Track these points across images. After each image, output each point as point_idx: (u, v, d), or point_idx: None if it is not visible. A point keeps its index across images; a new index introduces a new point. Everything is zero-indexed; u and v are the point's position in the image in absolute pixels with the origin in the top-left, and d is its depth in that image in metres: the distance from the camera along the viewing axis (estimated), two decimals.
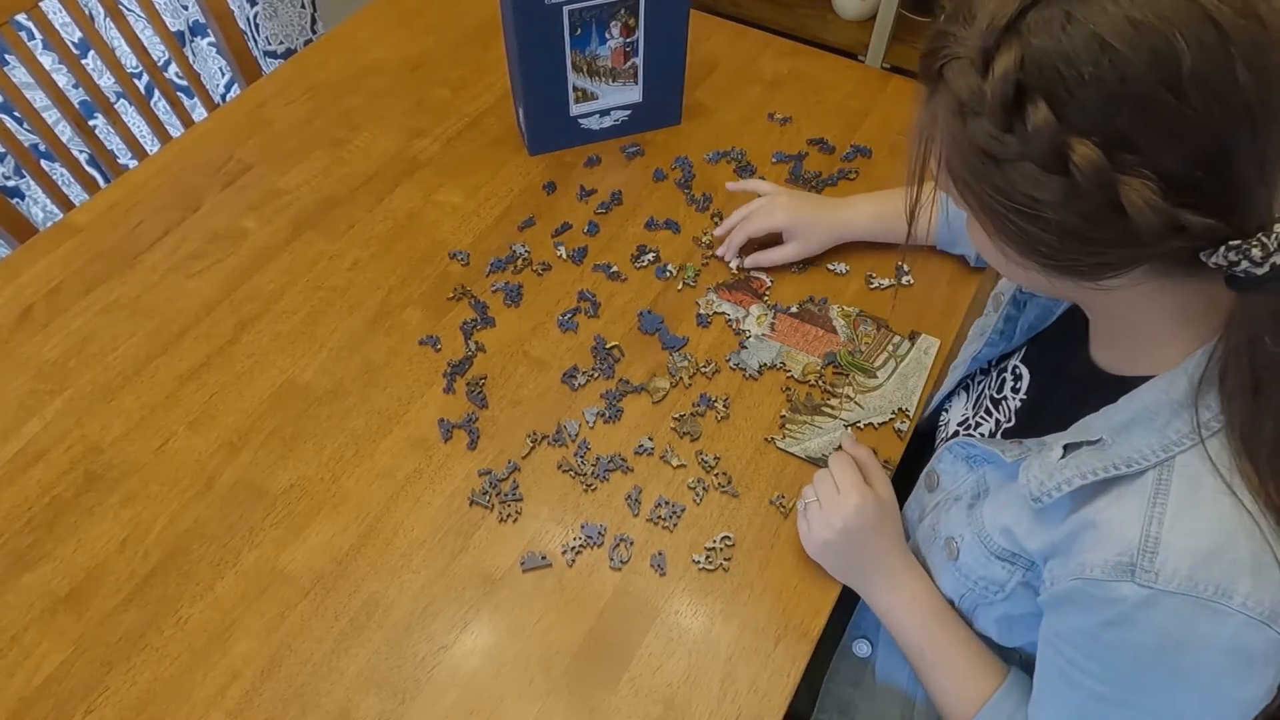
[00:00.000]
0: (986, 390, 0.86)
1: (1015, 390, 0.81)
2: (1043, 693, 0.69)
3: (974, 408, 0.87)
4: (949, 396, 0.94)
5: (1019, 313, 0.84)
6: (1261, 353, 0.55)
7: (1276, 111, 0.50)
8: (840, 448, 0.87)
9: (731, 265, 1.07)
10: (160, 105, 1.87)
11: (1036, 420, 0.77)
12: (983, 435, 0.82)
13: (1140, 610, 0.57)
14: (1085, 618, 0.62)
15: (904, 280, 1.06)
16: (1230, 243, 0.51)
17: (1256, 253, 0.51)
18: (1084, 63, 0.49)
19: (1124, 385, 0.64)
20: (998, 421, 0.82)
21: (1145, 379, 0.63)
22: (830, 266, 1.08)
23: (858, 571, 0.81)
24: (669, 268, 1.08)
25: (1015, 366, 0.83)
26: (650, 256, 1.09)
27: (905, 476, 0.90)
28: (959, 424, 0.88)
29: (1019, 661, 0.79)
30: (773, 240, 1.06)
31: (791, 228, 1.04)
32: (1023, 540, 0.69)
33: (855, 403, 0.95)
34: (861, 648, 0.90)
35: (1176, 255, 0.53)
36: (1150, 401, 0.61)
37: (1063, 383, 0.76)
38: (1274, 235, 0.50)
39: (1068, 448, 0.64)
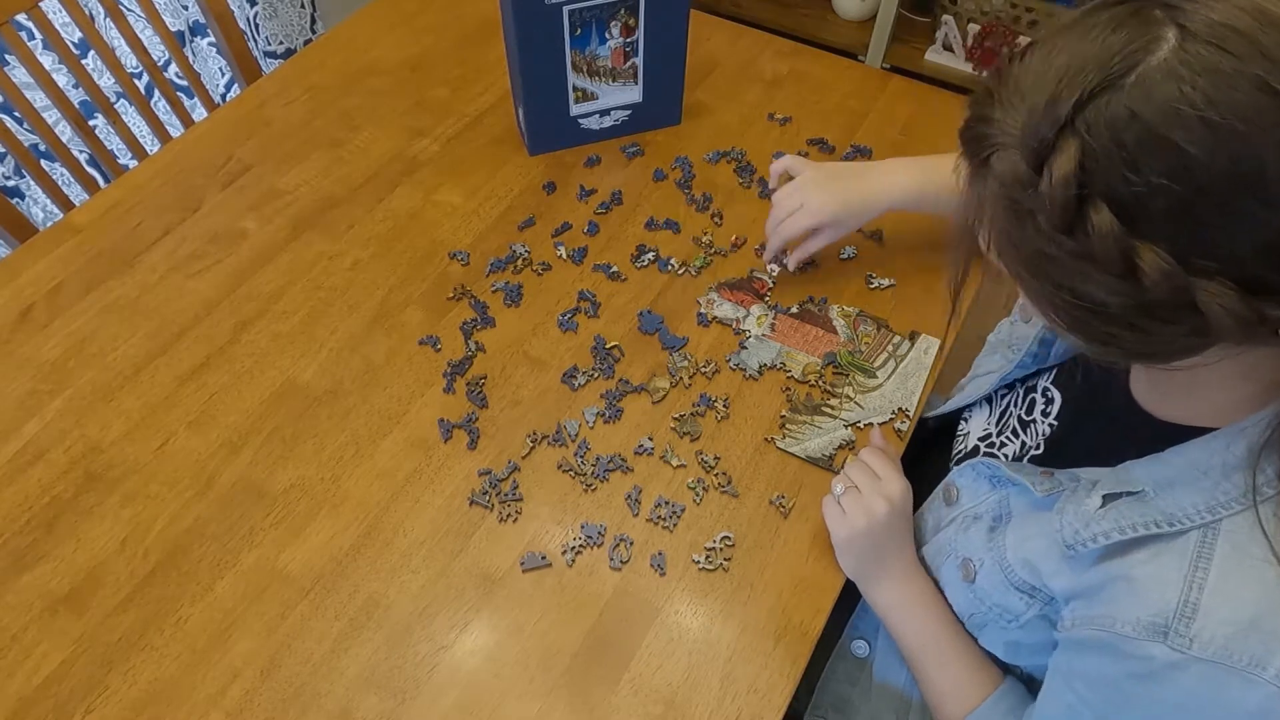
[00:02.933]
0: (1013, 409, 0.84)
1: (1045, 414, 0.79)
2: (1044, 716, 0.68)
3: (998, 424, 0.84)
4: (969, 406, 0.91)
5: (1054, 336, 0.81)
6: None
7: None
8: (854, 440, 0.86)
9: (789, 268, 1.04)
10: (160, 105, 1.87)
11: (1068, 451, 0.75)
12: (1007, 456, 0.80)
13: (1169, 671, 0.56)
14: (1109, 666, 0.60)
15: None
16: None
17: None
18: (1151, 166, 0.46)
19: (1167, 430, 0.62)
20: (1024, 444, 0.79)
21: (1191, 429, 0.61)
22: (831, 282, 1.08)
23: (874, 563, 0.81)
24: (671, 261, 1.08)
25: (1046, 389, 0.80)
26: (650, 256, 1.09)
27: (907, 475, 0.89)
28: (980, 438, 0.85)
29: (1021, 678, 0.79)
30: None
31: (822, 224, 0.98)
32: (1047, 578, 0.67)
33: (855, 403, 0.95)
34: (860, 648, 0.90)
35: (1253, 333, 0.50)
36: (1202, 459, 0.58)
37: (1099, 416, 0.73)
38: None
39: (1107, 498, 0.62)
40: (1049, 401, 0.79)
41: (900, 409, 0.94)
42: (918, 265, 1.08)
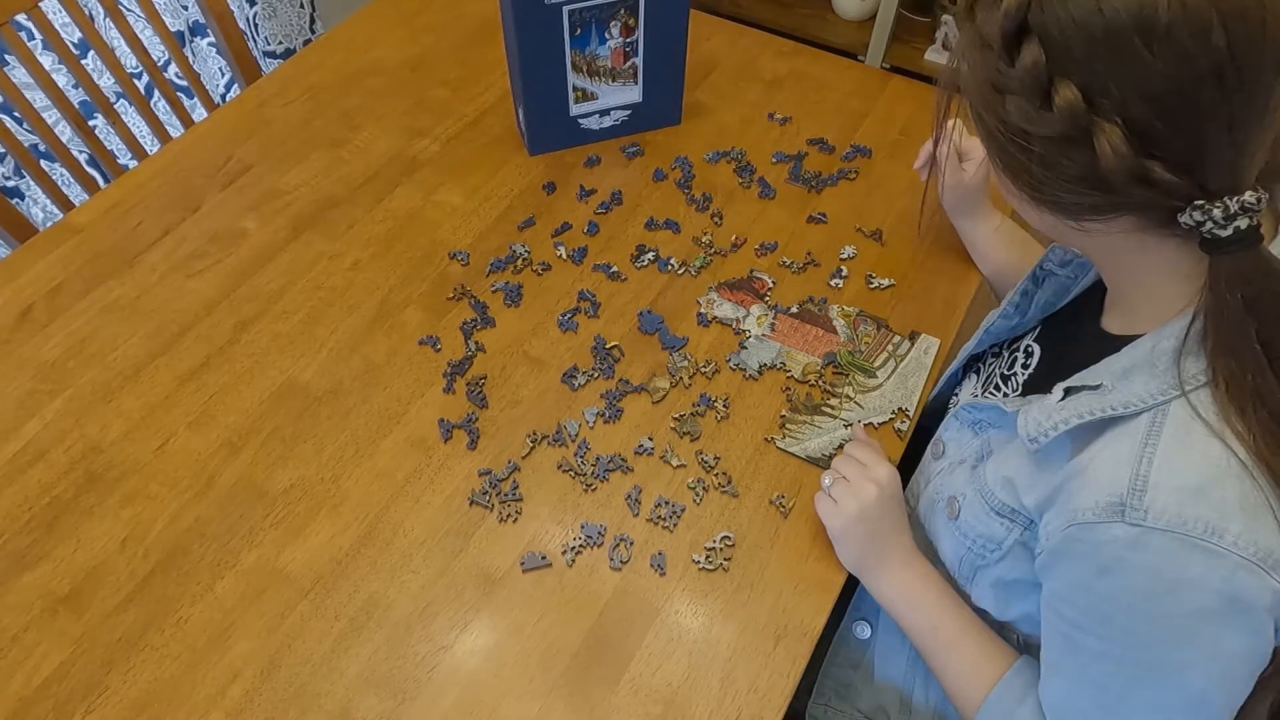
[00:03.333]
0: (998, 368, 0.87)
1: (1025, 367, 0.82)
2: (1049, 666, 0.69)
3: (983, 386, 0.88)
4: (960, 381, 0.95)
5: (1036, 288, 0.85)
6: (1233, 312, 0.57)
7: (1250, 81, 0.52)
8: (851, 439, 0.88)
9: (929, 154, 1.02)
10: (160, 105, 1.87)
11: (1041, 386, 0.77)
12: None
13: (1130, 551, 0.57)
14: (1079, 568, 0.62)
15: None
16: (1196, 203, 0.54)
17: (1218, 214, 0.54)
18: (1076, 6, 0.53)
19: (1127, 341, 0.66)
20: (1005, 396, 0.82)
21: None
22: (831, 283, 1.08)
23: (873, 551, 0.81)
24: (671, 261, 1.08)
25: (1028, 345, 0.84)
26: (650, 256, 1.09)
27: (908, 475, 0.90)
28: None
29: (1019, 643, 0.79)
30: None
31: (980, 159, 1.00)
32: (1022, 494, 0.69)
33: (855, 403, 0.95)
34: (862, 630, 0.91)
35: (1154, 211, 0.57)
36: (1149, 349, 0.62)
37: (1072, 350, 0.77)
38: (1237, 200, 0.53)
39: (1068, 390, 0.66)
40: (1029, 355, 0.83)
41: (900, 409, 0.94)
42: (918, 265, 1.08)
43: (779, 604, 0.81)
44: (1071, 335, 0.80)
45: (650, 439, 0.92)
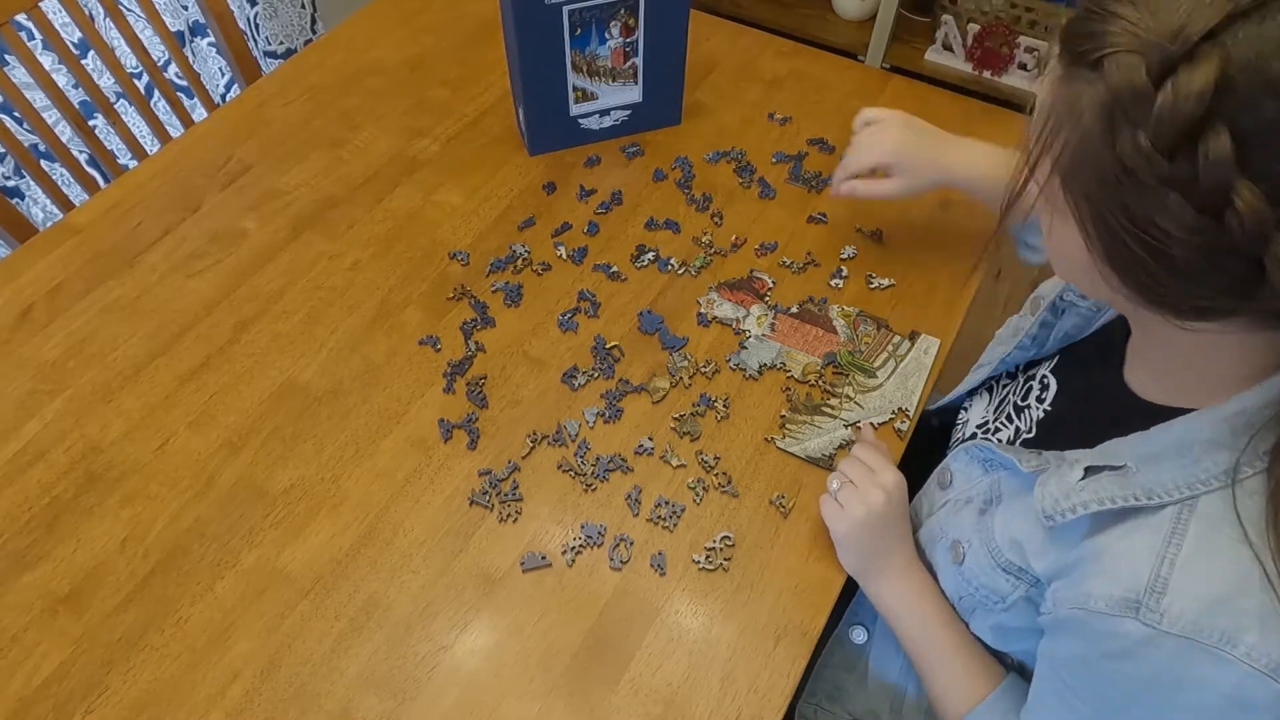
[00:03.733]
0: (1011, 396, 0.85)
1: (1040, 400, 0.80)
2: (1038, 700, 0.69)
3: (995, 412, 0.86)
4: (970, 396, 0.93)
5: (1056, 320, 0.82)
6: None
7: None
8: (857, 439, 0.87)
9: (838, 191, 0.99)
10: (160, 105, 1.87)
11: (1057, 433, 0.75)
12: (1001, 441, 0.81)
13: (1139, 647, 0.56)
14: (1083, 646, 0.60)
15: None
16: None
17: None
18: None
19: (1156, 414, 0.62)
20: (1018, 430, 0.80)
21: (1180, 410, 0.61)
22: (831, 283, 1.08)
23: (875, 558, 0.81)
24: (671, 261, 1.08)
25: (1044, 376, 0.81)
26: (650, 256, 1.09)
27: (910, 474, 0.90)
28: (978, 425, 0.87)
29: (1013, 665, 0.79)
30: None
31: (894, 163, 0.95)
32: (1031, 558, 0.68)
33: (855, 403, 0.95)
34: (858, 635, 0.90)
35: (1274, 312, 0.50)
36: (1184, 436, 0.58)
37: (1091, 400, 0.74)
38: None
39: (1089, 470, 0.62)
40: (1045, 388, 0.80)
41: (900, 409, 0.94)
42: (918, 265, 1.08)
43: (779, 604, 0.81)
44: (1091, 379, 0.75)
45: (650, 439, 0.92)
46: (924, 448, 0.94)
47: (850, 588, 0.84)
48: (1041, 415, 0.78)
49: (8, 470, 0.89)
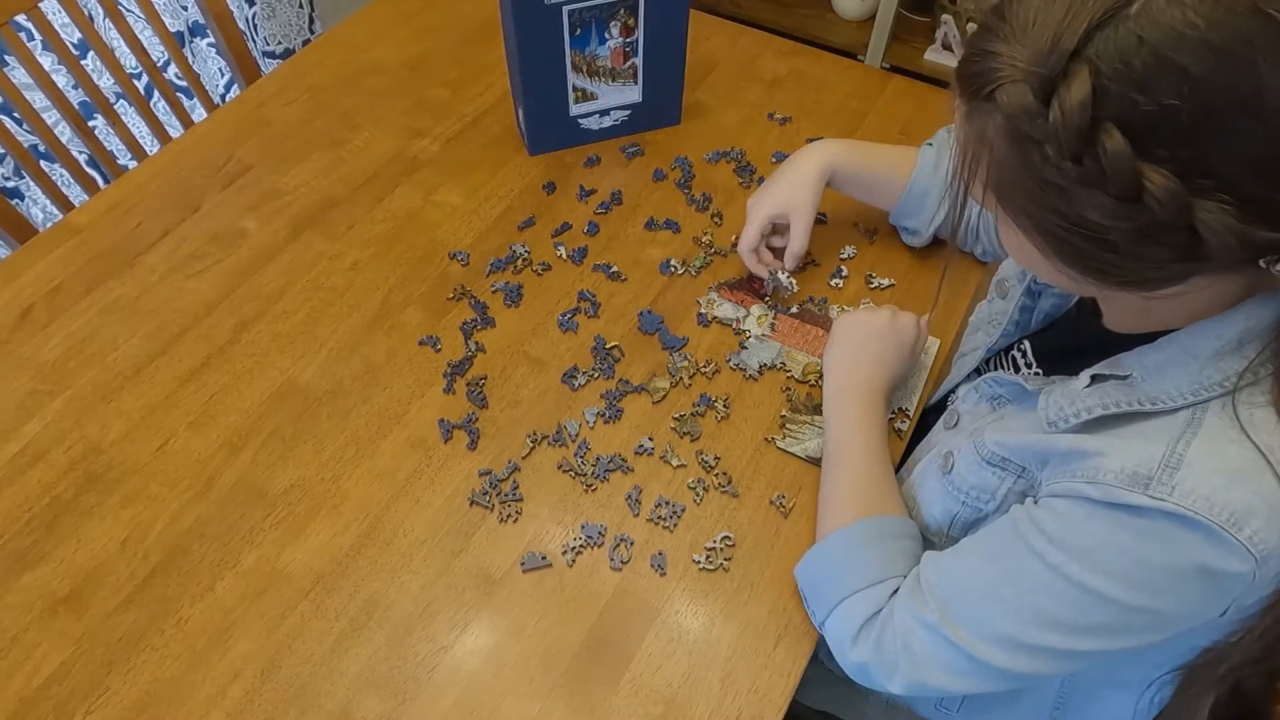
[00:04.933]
0: (1000, 371, 0.86)
1: (1028, 365, 0.82)
2: (968, 543, 0.70)
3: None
4: (956, 389, 0.92)
5: (1034, 303, 0.84)
6: None
7: None
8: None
9: (789, 267, 1.02)
10: (160, 106, 1.87)
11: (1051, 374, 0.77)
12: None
13: (1139, 518, 0.57)
14: (1074, 508, 0.61)
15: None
16: None
17: None
18: (1160, 89, 0.48)
19: (1142, 339, 0.64)
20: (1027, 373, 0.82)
21: (1163, 333, 0.63)
22: (831, 283, 1.08)
23: (850, 366, 0.86)
24: (672, 261, 1.08)
25: (1021, 344, 0.84)
26: (650, 256, 1.09)
27: (906, 465, 0.90)
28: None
29: None
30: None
31: (764, 217, 0.99)
32: (1018, 445, 0.69)
33: None
34: None
35: (1235, 264, 0.53)
36: (1190, 345, 0.60)
37: (1079, 350, 0.75)
38: None
39: (1095, 377, 0.64)
40: (1024, 354, 0.82)
41: (900, 409, 0.94)
42: (918, 265, 1.08)
43: (779, 604, 0.81)
44: (1074, 334, 0.78)
45: (650, 439, 0.92)
46: (919, 440, 0.94)
47: None
48: (1033, 376, 0.80)
49: (8, 470, 0.89)
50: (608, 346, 1.00)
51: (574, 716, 0.75)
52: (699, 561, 0.84)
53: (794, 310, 1.03)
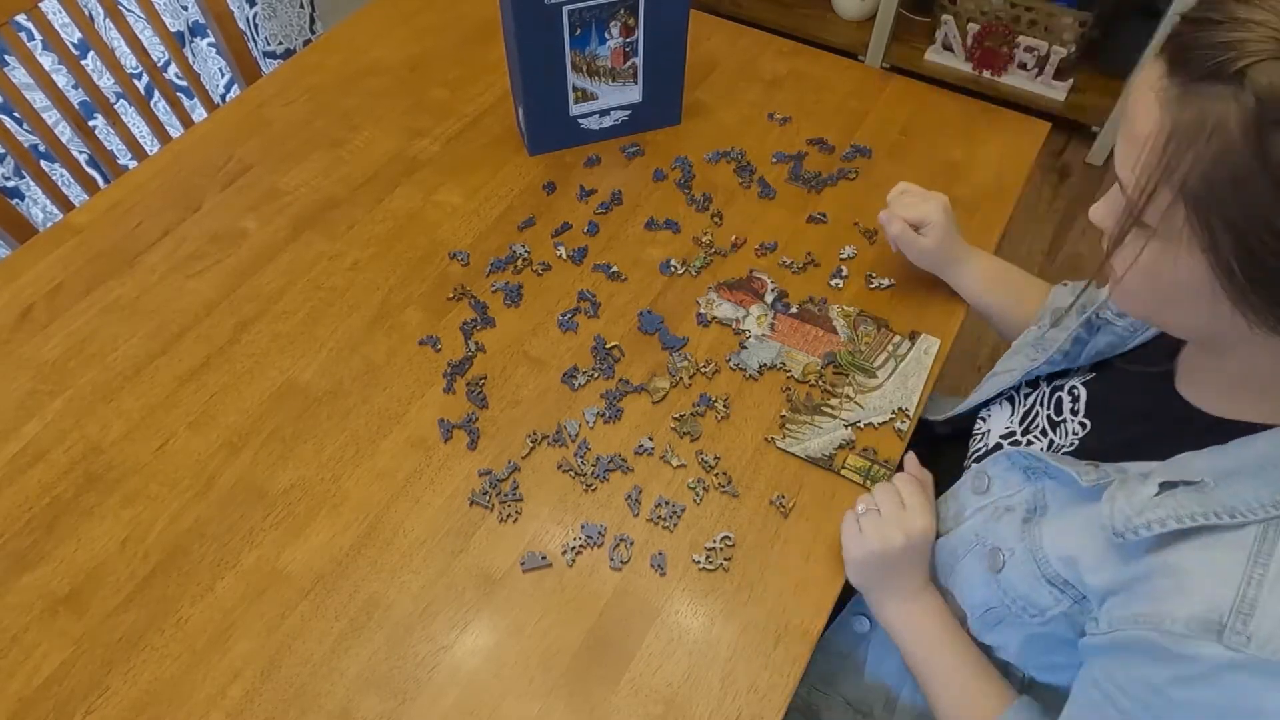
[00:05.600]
0: (1040, 408, 0.81)
1: (1075, 413, 0.77)
2: None
3: (1022, 423, 0.82)
4: (988, 405, 0.90)
5: (1090, 337, 0.79)
6: None
7: None
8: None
9: (891, 229, 1.00)
10: (160, 106, 1.87)
11: (1105, 446, 0.72)
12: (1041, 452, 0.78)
13: (1222, 673, 0.53)
14: (1151, 669, 0.56)
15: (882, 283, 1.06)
16: None
17: None
18: None
19: (1221, 427, 0.60)
20: (1053, 443, 0.77)
21: (1251, 425, 0.59)
22: (831, 283, 1.08)
23: (881, 583, 0.79)
24: (672, 261, 1.08)
25: (1073, 387, 0.79)
26: (650, 256, 1.09)
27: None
28: (1002, 435, 0.84)
29: (1024, 683, 0.77)
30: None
31: (932, 224, 0.97)
32: (1085, 574, 0.64)
33: (855, 403, 0.95)
34: (860, 624, 0.90)
35: None
36: (1269, 452, 0.56)
37: (1144, 413, 0.71)
38: None
39: (1164, 485, 0.58)
40: (1075, 399, 0.77)
41: (900, 409, 0.94)
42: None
43: (779, 604, 0.81)
44: (1142, 394, 0.72)
45: (650, 439, 0.92)
46: (930, 452, 0.92)
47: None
48: (1080, 430, 0.75)
49: (8, 470, 0.89)
50: (608, 346, 1.00)
51: (574, 716, 0.75)
52: (699, 561, 0.84)
53: (794, 310, 1.03)
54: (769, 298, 1.04)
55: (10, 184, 1.77)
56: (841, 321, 1.02)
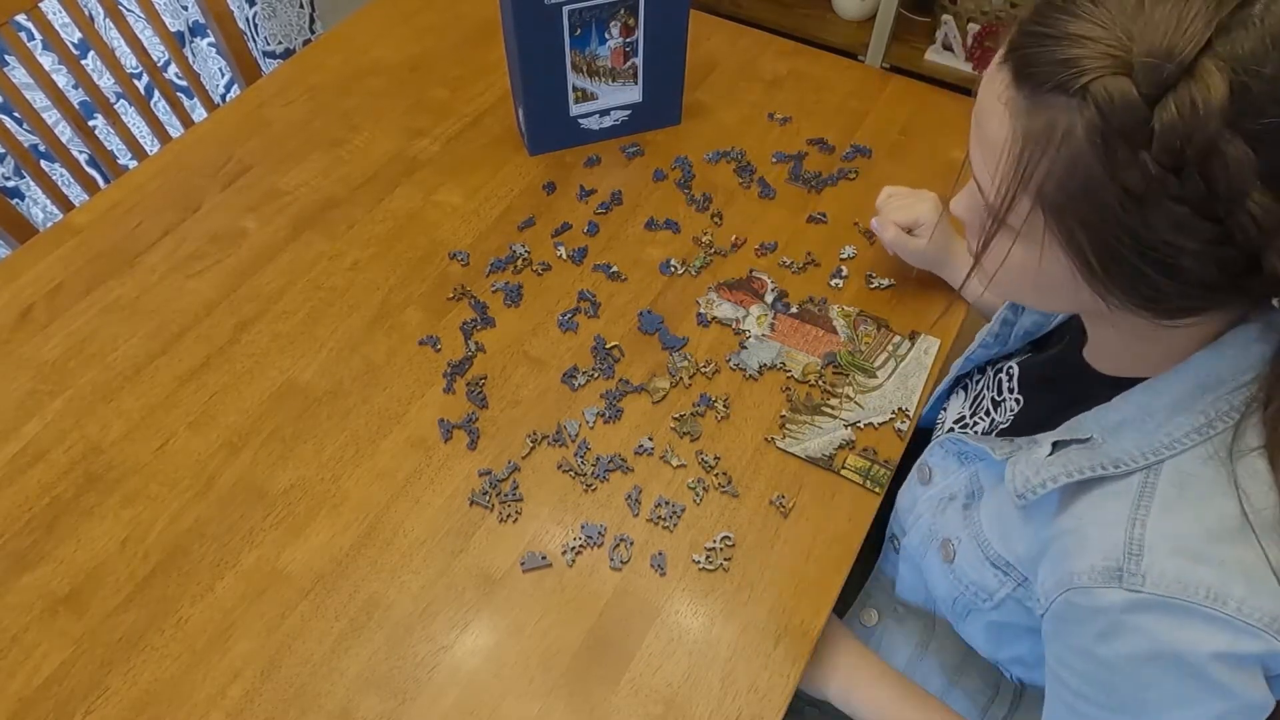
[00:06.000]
0: (985, 390, 0.86)
1: (1010, 390, 0.81)
2: None
3: (971, 407, 0.86)
4: (948, 395, 0.93)
5: (1015, 318, 0.83)
6: None
7: None
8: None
9: (885, 234, 1.00)
10: (160, 106, 1.87)
11: (1029, 418, 0.76)
12: (977, 434, 0.82)
13: (1128, 615, 0.55)
14: (1078, 633, 0.60)
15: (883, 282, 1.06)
16: None
17: None
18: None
19: (1118, 385, 0.63)
20: (993, 421, 0.81)
21: (1140, 380, 0.62)
22: (831, 283, 1.08)
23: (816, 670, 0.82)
24: (672, 261, 1.08)
25: (1009, 366, 0.83)
26: (650, 256, 1.09)
27: (905, 472, 0.90)
28: (954, 421, 0.87)
29: (1013, 681, 0.79)
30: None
31: (926, 224, 0.97)
32: (1014, 545, 0.68)
33: (855, 403, 0.95)
34: (869, 617, 0.90)
35: (1250, 301, 0.51)
36: (1145, 403, 0.60)
37: (1054, 381, 0.76)
38: None
39: (1056, 445, 0.63)
40: (1011, 378, 0.81)
41: (900, 409, 0.94)
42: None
43: (779, 604, 0.81)
44: (1053, 363, 0.77)
45: (650, 439, 0.92)
46: (911, 453, 0.93)
47: (857, 580, 0.84)
48: (1014, 405, 0.79)
49: (8, 470, 0.89)
50: (608, 346, 1.00)
51: (574, 716, 0.75)
52: (699, 561, 0.84)
53: (794, 310, 1.03)
54: (769, 298, 1.04)
55: (10, 184, 1.77)
56: (841, 321, 1.02)
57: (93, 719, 0.75)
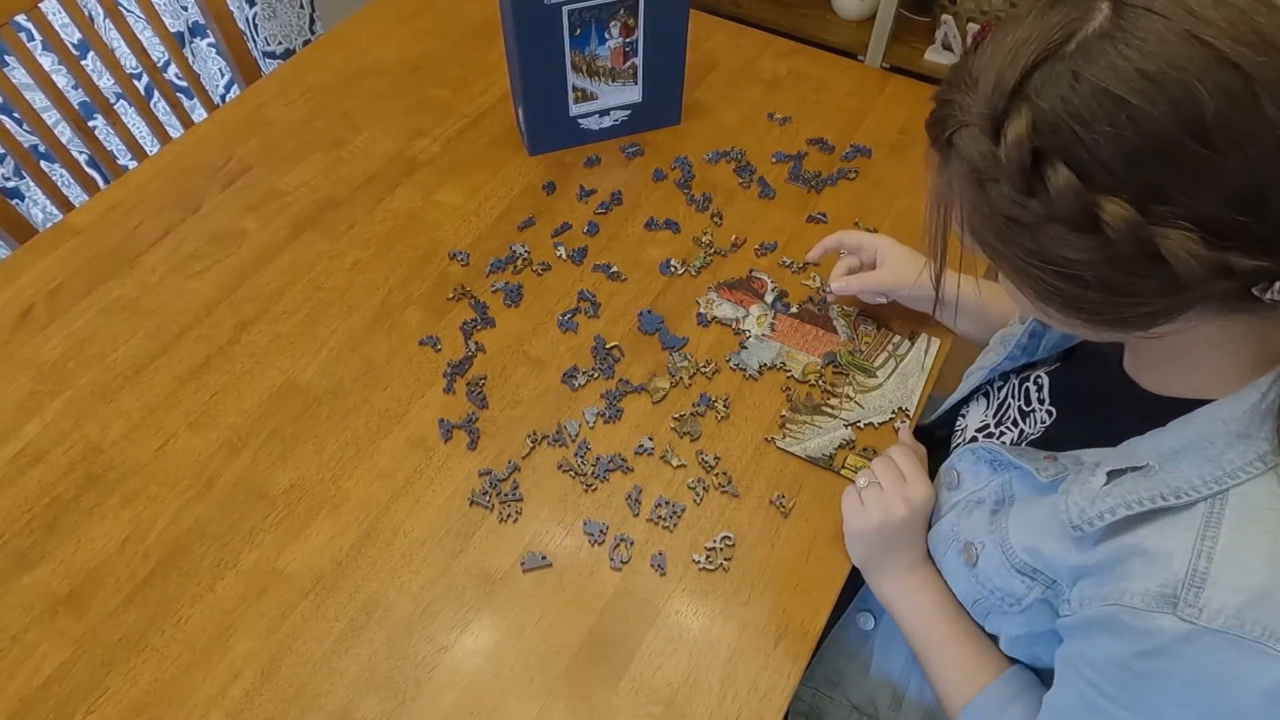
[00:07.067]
0: (1011, 400, 0.84)
1: (1041, 401, 0.79)
2: (1057, 710, 0.67)
3: (995, 415, 0.85)
4: (966, 402, 0.91)
5: (1044, 330, 0.82)
6: None
7: None
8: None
9: (831, 289, 0.99)
10: (160, 106, 1.87)
11: (1065, 434, 0.75)
12: (1005, 444, 0.80)
13: (1178, 645, 0.55)
14: (1117, 645, 0.59)
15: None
16: None
17: None
18: (1099, 120, 0.49)
19: (1166, 405, 0.62)
20: (1022, 432, 0.79)
21: (1191, 401, 0.61)
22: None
23: (882, 558, 0.81)
24: (672, 261, 1.08)
25: (1038, 376, 0.81)
26: (650, 256, 1.09)
27: None
28: (978, 429, 0.85)
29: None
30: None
31: (895, 290, 0.97)
32: (1051, 559, 0.66)
33: (855, 402, 0.95)
34: (865, 621, 0.90)
35: (1228, 293, 0.52)
36: (1206, 429, 0.58)
37: (1093, 398, 0.74)
38: None
39: (1111, 474, 0.62)
40: (1040, 389, 0.80)
41: (900, 409, 0.94)
42: None
43: (779, 604, 0.81)
44: (1092, 377, 0.76)
45: (650, 439, 0.92)
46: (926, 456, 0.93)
47: (856, 580, 0.84)
48: (1046, 418, 0.78)
49: (8, 470, 0.89)
50: (608, 346, 1.00)
51: (574, 716, 0.75)
52: (699, 561, 0.84)
53: (794, 310, 1.03)
54: (769, 298, 1.04)
55: (10, 184, 1.77)
56: (841, 321, 1.02)
57: (93, 719, 0.75)
